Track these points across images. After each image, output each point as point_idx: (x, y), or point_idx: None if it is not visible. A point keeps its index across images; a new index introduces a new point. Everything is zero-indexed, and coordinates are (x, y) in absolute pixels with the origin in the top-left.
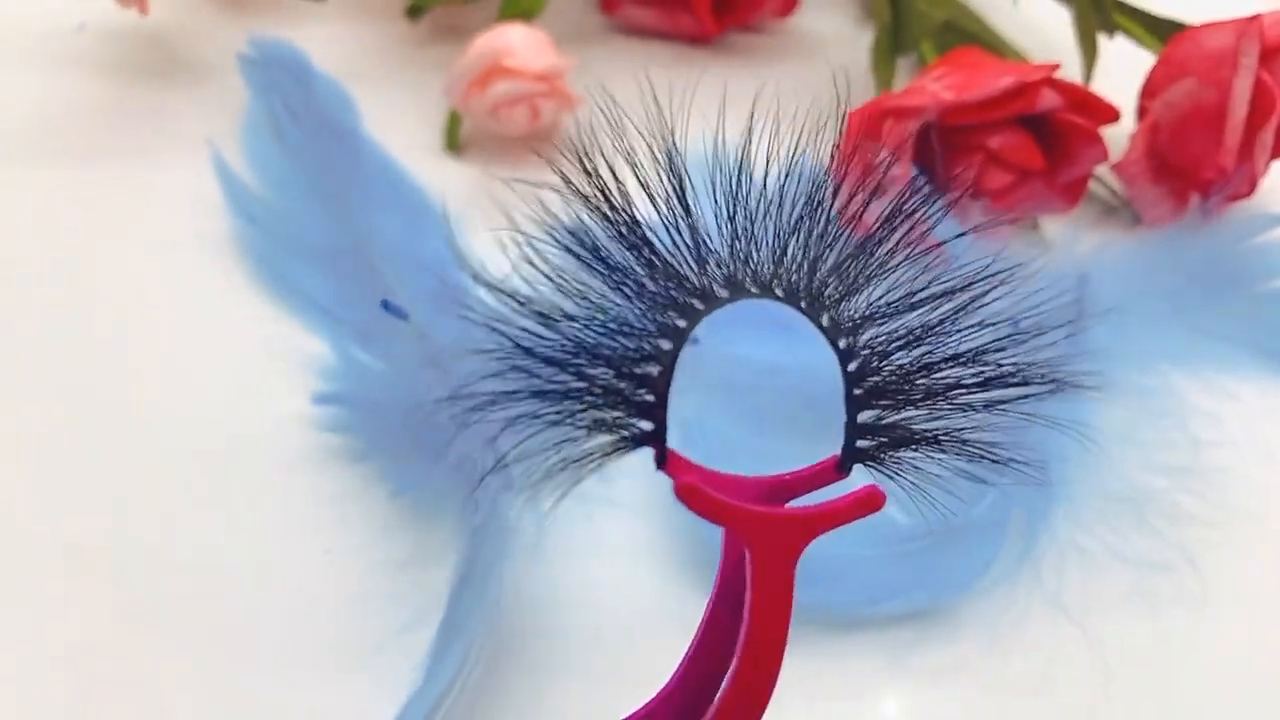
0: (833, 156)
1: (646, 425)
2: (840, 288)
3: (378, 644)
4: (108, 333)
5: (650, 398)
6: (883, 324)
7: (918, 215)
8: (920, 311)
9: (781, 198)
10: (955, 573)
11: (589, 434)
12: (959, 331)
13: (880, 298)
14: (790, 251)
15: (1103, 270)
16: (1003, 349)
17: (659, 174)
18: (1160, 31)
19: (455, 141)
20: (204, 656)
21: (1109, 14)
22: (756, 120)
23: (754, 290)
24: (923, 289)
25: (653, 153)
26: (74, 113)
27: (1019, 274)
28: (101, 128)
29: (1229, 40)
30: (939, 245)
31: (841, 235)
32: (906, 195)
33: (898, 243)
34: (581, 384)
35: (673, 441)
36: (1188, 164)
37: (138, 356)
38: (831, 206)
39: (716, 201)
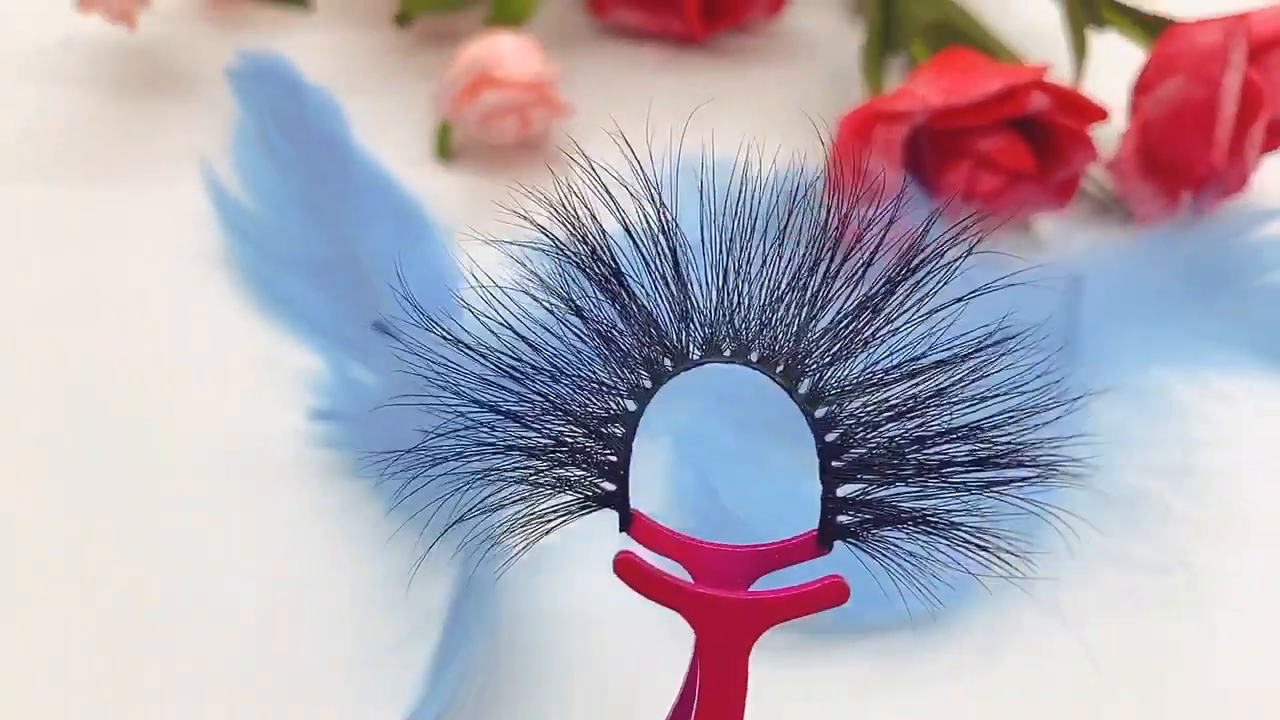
0: (827, 184)
1: (609, 486)
2: (831, 351)
3: (377, 657)
4: (100, 349)
5: (613, 458)
6: (875, 392)
7: (920, 276)
8: (917, 380)
9: (778, 253)
10: (948, 578)
11: (551, 492)
12: (956, 404)
13: (875, 363)
14: (781, 310)
15: (1095, 270)
16: (1001, 425)
17: (649, 226)
18: (1150, 28)
19: (446, 150)
20: (203, 670)
21: (1098, 9)
22: (747, 144)
23: (727, 354)
24: (920, 356)
25: (642, 205)
26: (63, 128)
27: (1022, 341)
28: (90, 143)
29: (1218, 37)
30: (943, 308)
31: (838, 296)
32: (910, 254)
33: (899, 304)
34: (547, 441)
35: (666, 448)
36: (1179, 161)
37: (129, 373)
38: (830, 265)
39: (707, 253)
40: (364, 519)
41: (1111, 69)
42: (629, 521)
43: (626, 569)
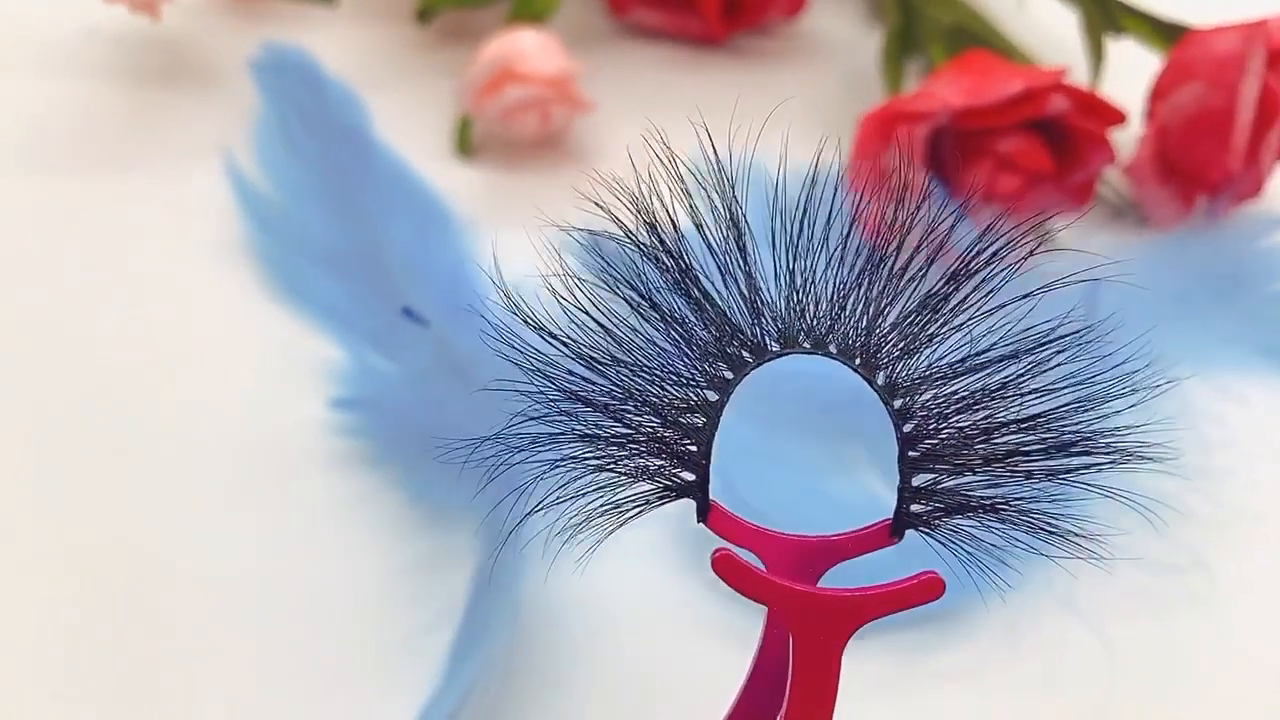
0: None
1: (689, 476)
2: (899, 345)
3: (396, 646)
4: (123, 339)
5: (694, 448)
6: (943, 385)
7: (983, 272)
8: (983, 374)
9: (844, 249)
10: (966, 576)
11: (630, 481)
12: (1022, 395)
13: (942, 358)
14: (849, 306)
15: (1111, 272)
16: (1067, 415)
17: (718, 222)
18: (1167, 35)
19: (467, 145)
20: (223, 657)
21: (1116, 16)
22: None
23: (807, 346)
24: (986, 350)
25: (712, 201)
26: (87, 119)
27: (1089, 335)
28: (114, 134)
29: (1236, 44)
30: (1006, 305)
31: (905, 291)
32: (973, 251)
33: (962, 301)
34: (626, 431)
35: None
36: (1195, 166)
37: (152, 362)
38: (896, 261)
39: (775, 249)
40: (384, 508)
41: (1128, 75)
42: (707, 511)
43: (725, 566)
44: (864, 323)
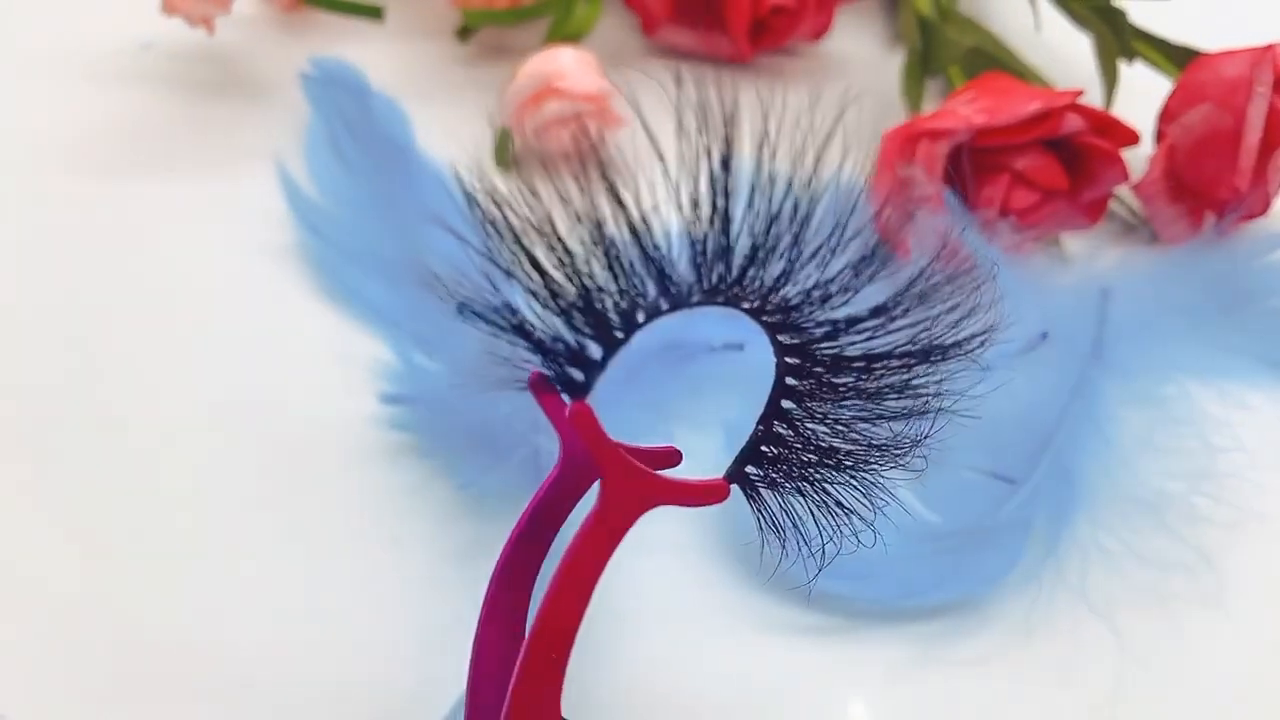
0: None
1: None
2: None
3: (441, 631)
4: (182, 339)
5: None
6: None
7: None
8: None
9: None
10: (983, 570)
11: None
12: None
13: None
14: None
15: (1122, 286)
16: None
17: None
18: (1178, 59)
19: (505, 158)
20: (274, 642)
21: (1129, 41)
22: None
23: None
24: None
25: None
26: (145, 127)
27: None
28: (171, 141)
29: (1244, 68)
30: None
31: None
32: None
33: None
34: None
35: (715, 442)
36: (1203, 185)
37: (210, 360)
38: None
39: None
40: (431, 497)
41: (1139, 97)
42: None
43: (580, 415)
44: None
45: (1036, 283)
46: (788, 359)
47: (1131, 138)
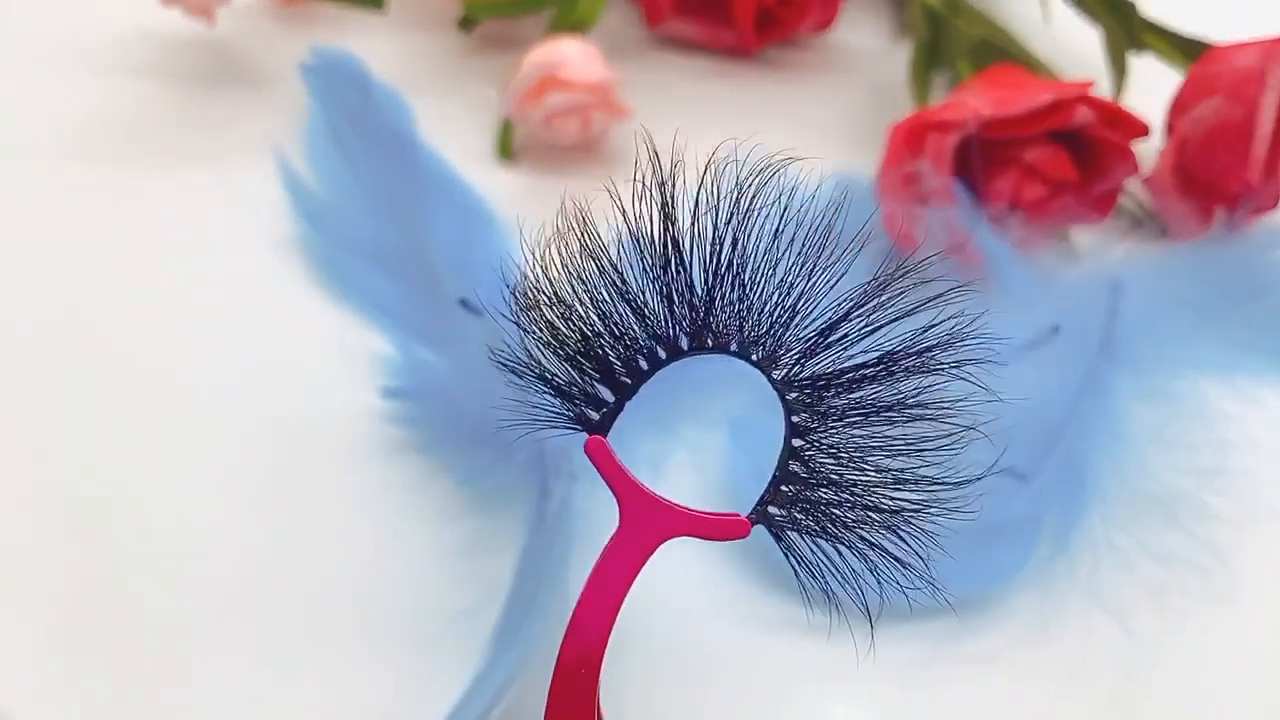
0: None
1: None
2: (799, 352)
3: (443, 626)
4: (181, 331)
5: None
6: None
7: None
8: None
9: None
10: (994, 567)
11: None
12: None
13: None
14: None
15: (1132, 280)
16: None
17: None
18: (1188, 51)
19: (508, 149)
20: (273, 633)
21: (1138, 33)
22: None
23: (709, 344)
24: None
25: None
26: (144, 117)
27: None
28: (170, 132)
29: (1255, 60)
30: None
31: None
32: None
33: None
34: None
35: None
36: (1214, 178)
37: (209, 353)
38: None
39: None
40: (432, 492)
41: (1149, 90)
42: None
43: (595, 448)
44: (775, 329)
45: (1046, 277)
46: (787, 396)
47: (1142, 130)
